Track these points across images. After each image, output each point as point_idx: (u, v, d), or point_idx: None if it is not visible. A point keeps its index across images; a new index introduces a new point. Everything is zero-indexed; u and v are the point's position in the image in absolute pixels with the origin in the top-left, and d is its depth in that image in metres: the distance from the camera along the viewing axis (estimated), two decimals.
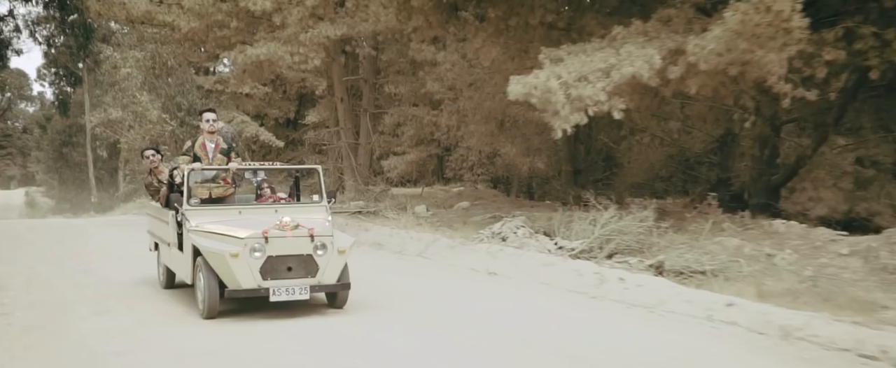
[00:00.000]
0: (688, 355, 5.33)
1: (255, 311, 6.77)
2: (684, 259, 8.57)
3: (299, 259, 6.48)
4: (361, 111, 19.34)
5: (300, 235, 6.46)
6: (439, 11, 12.16)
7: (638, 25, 10.02)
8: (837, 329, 5.47)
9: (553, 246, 9.61)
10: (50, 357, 5.32)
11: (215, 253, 6.41)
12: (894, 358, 4.98)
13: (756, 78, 9.47)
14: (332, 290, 6.79)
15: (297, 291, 6.40)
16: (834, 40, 9.62)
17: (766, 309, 6.09)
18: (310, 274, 6.53)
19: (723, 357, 5.30)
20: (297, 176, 8.50)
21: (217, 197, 7.53)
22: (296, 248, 6.47)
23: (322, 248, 6.53)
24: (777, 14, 7.95)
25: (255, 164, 8.29)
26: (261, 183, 8.14)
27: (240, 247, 6.29)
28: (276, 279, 6.41)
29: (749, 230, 10.51)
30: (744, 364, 5.18)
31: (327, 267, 6.57)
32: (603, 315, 6.82)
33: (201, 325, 6.41)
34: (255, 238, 6.33)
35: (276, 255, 6.40)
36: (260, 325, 6.32)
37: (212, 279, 6.46)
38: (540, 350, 5.39)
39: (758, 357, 5.32)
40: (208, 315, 6.52)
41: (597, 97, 9.00)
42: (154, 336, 6.00)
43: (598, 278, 7.77)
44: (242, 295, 6.40)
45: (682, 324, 6.34)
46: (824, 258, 9.03)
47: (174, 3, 16.27)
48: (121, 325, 6.40)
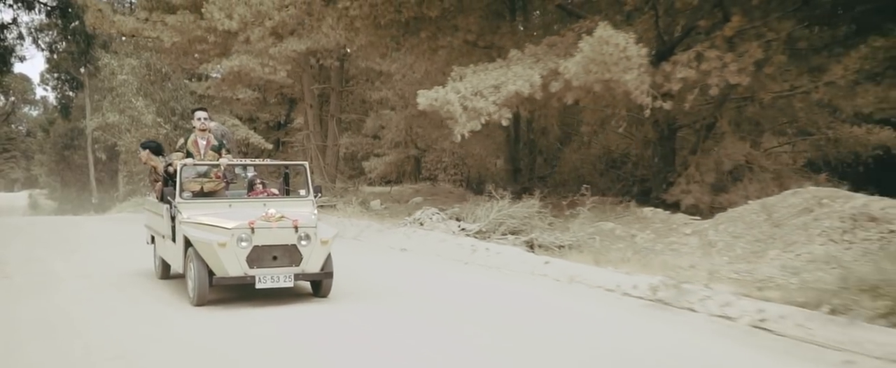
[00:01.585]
0: (507, 293, 7.61)
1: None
2: (552, 237, 10.76)
3: (284, 248, 6.80)
4: (329, 116, 21.47)
5: (285, 226, 6.78)
6: (378, 31, 14.31)
7: (530, 49, 12.19)
8: (607, 275, 7.66)
9: (457, 228, 11.77)
10: (45, 302, 7.42)
11: (204, 243, 6.73)
12: (640, 292, 7.08)
13: (624, 91, 11.62)
14: (315, 279, 7.14)
15: (281, 279, 6.75)
16: (687, 62, 11.78)
17: (571, 266, 8.30)
18: (294, 263, 6.85)
19: (524, 293, 7.58)
20: (287, 172, 8.81)
21: (209, 191, 7.90)
22: (281, 239, 6.78)
23: (306, 239, 6.85)
24: (616, 46, 10.09)
25: (245, 160, 8.84)
26: (253, 178, 8.59)
27: (227, 237, 6.62)
28: (261, 267, 6.75)
29: (625, 216, 12.69)
30: (535, 296, 7.39)
31: (311, 256, 6.90)
32: (466, 274, 8.98)
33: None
34: (242, 228, 6.66)
35: (261, 245, 6.72)
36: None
37: (201, 267, 6.77)
38: (412, 296, 7.52)
39: (547, 292, 7.57)
40: (198, 302, 6.85)
41: (488, 109, 11.15)
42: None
43: (472, 249, 9.96)
44: (230, 282, 6.76)
45: (513, 277, 8.63)
46: (673, 237, 11.21)
47: (159, 20, 18.37)
48: (99, 283, 8.52)
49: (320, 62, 20.07)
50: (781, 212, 10.35)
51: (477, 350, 5.25)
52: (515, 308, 6.85)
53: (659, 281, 6.87)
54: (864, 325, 5.25)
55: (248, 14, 14.41)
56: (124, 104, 30.42)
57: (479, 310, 6.68)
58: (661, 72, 11.98)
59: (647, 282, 6.97)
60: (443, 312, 6.63)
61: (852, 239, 9.27)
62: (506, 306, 6.92)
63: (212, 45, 18.34)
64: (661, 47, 12.84)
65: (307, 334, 5.82)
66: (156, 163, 8.80)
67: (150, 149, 8.95)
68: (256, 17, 14.49)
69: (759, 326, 5.75)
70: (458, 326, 6.04)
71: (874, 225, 9.31)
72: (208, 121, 8.20)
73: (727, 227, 10.65)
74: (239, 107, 26.73)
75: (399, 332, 5.82)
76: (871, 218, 9.41)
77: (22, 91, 67.66)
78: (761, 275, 7.10)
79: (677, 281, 6.76)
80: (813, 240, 9.45)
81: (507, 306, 6.92)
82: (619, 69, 10.35)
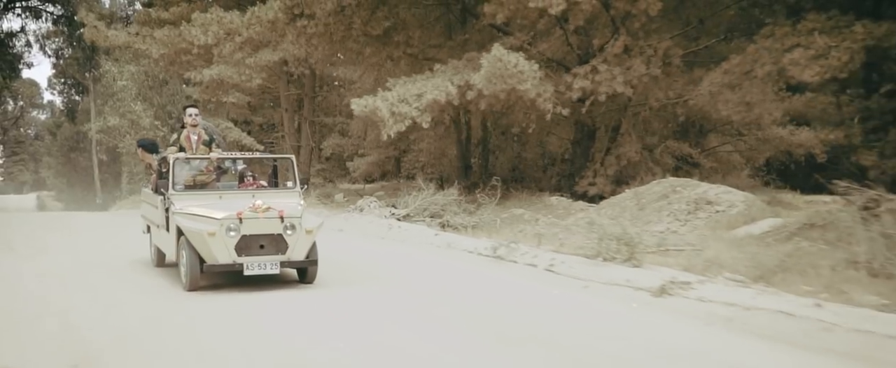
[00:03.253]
0: (400, 255, 9.97)
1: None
2: (461, 219, 13.02)
3: (270, 238, 7.07)
4: (303, 119, 23.78)
5: (271, 217, 7.04)
6: (333, 46, 16.61)
7: (453, 63, 14.45)
8: (472, 242, 9.95)
9: (389, 213, 14.03)
10: (46, 264, 9.67)
11: (195, 233, 7.01)
12: (487, 251, 9.32)
13: (530, 99, 13.85)
14: (300, 266, 7.40)
15: (268, 266, 7.04)
16: (584, 74, 14.03)
17: (453, 237, 10.61)
18: (280, 251, 7.11)
19: (412, 255, 9.96)
20: (275, 165, 9.12)
21: (200, 183, 8.24)
22: (267, 228, 7.05)
23: (291, 228, 7.10)
24: (508, 62, 12.32)
25: (235, 153, 9.30)
26: (243, 170, 8.85)
27: (216, 227, 6.89)
28: (249, 255, 7.02)
29: (537, 204, 14.92)
30: (418, 257, 9.70)
31: (296, 245, 7.15)
32: (381, 246, 11.26)
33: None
34: (230, 219, 6.94)
35: (249, 234, 6.99)
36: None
37: (193, 255, 7.06)
38: (338, 262, 9.27)
39: (428, 255, 9.96)
40: (190, 287, 7.13)
41: (411, 113, 13.40)
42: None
43: (389, 228, 12.26)
44: (219, 269, 7.07)
45: (413, 246, 10.97)
46: (570, 219, 13.43)
47: (148, 34, 20.65)
48: (90, 247, 10.81)
49: (292, 70, 22.35)
50: (646, 198, 12.58)
51: (365, 286, 7.60)
52: (401, 264, 9.30)
53: (498, 243, 9.14)
54: (607, 265, 7.53)
55: (221, 31, 16.70)
56: (124, 108, 32.56)
57: (378, 267, 9.05)
58: (563, 82, 14.25)
59: (493, 245, 9.23)
60: (352, 271, 8.69)
61: (692, 218, 11.52)
62: (395, 263, 9.39)
63: (195, 56, 20.59)
64: (567, 61, 15.09)
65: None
66: (150, 159, 9.29)
67: (144, 146, 9.58)
68: (228, 33, 16.78)
69: (549, 269, 8.02)
70: (360, 277, 8.24)
71: (709, 207, 11.55)
72: (198, 118, 8.58)
73: (607, 211, 12.89)
74: (234, 110, 28.92)
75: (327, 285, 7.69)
76: (708, 202, 11.65)
77: (30, 95, 69.04)
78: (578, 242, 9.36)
79: (509, 243, 9.02)
80: (663, 219, 11.70)
81: (396, 262, 9.40)
82: (514, 81, 12.58)
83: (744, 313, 5.76)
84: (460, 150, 21.16)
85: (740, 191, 11.82)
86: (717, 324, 5.71)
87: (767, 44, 12.37)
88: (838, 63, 10.99)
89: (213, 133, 9.08)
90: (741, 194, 11.65)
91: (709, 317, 5.88)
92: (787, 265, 7.49)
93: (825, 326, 5.17)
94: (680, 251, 8.60)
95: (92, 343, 5.16)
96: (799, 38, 11.87)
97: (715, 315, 5.89)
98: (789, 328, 5.34)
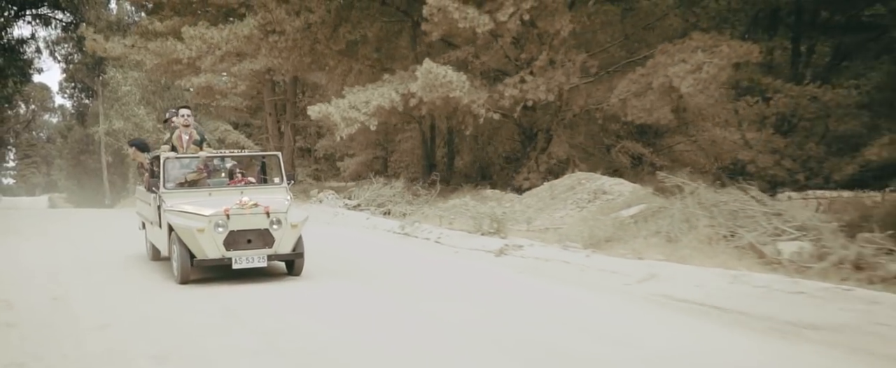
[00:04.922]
0: (337, 235, 11.94)
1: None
2: (402, 208, 15.17)
3: (257, 232, 7.28)
4: (285, 122, 25.96)
5: (257, 212, 7.26)
6: (302, 59, 18.79)
7: (400, 74, 16.59)
8: (389, 223, 12.13)
9: (343, 204, 16.20)
10: (50, 243, 11.88)
11: (185, 229, 7.23)
12: (396, 229, 11.46)
13: (466, 105, 15.96)
14: (287, 259, 7.66)
15: (256, 260, 7.26)
16: (513, 84, 16.13)
17: (378, 219, 12.84)
18: (267, 246, 7.33)
19: (345, 234, 12.01)
20: (264, 162, 9.41)
21: (191, 181, 8.36)
22: (254, 224, 7.27)
23: (277, 223, 7.31)
24: (437, 75, 14.43)
25: (223, 152, 9.40)
26: (233, 168, 9.00)
27: (205, 224, 7.12)
28: (237, 250, 7.25)
29: (477, 196, 17.01)
30: (348, 234, 11.81)
31: (282, 239, 7.37)
32: (326, 229, 13.31)
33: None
34: (218, 215, 7.16)
35: (237, 230, 7.22)
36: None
37: (183, 250, 7.30)
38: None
39: (356, 233, 12.11)
40: (182, 280, 7.39)
41: (360, 118, 15.53)
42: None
43: (335, 215, 14.42)
44: (209, 263, 7.29)
45: (350, 228, 13.11)
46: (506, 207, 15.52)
47: (142, 46, 22.85)
48: (89, 234, 13.01)
49: (273, 78, 24.58)
50: (558, 190, 14.67)
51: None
52: (334, 239, 11.37)
53: (406, 222, 11.30)
54: (480, 237, 9.68)
55: (204, 46, 18.92)
56: (128, 112, 34.90)
57: (319, 242, 10.98)
58: (496, 91, 16.37)
59: (401, 224, 11.40)
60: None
61: (589, 205, 13.61)
62: (329, 240, 11.34)
63: (185, 66, 22.81)
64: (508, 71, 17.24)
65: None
66: (142, 158, 9.71)
67: (136, 146, 10.02)
68: (210, 47, 19.00)
69: (438, 241, 10.18)
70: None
71: (604, 196, 13.64)
72: (191, 118, 8.79)
73: (527, 201, 14.99)
74: (232, 113, 30.99)
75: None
76: (603, 192, 13.73)
77: (42, 99, 69.84)
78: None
79: (414, 222, 11.19)
80: (567, 206, 13.79)
81: (330, 240, 11.35)
82: (444, 90, 14.69)
83: (544, 263, 7.92)
84: (425, 150, 23.32)
85: (631, 184, 13.88)
86: (526, 270, 7.88)
87: (661, 59, 14.46)
88: (708, 76, 13.07)
89: (202, 133, 9.32)
90: (631, 186, 13.70)
91: (523, 266, 8.05)
92: (616, 236, 9.62)
93: (582, 268, 7.32)
94: (547, 229, 10.74)
95: (68, 287, 7.32)
96: (684, 55, 13.95)
97: (527, 265, 8.06)
98: (564, 270, 7.49)
